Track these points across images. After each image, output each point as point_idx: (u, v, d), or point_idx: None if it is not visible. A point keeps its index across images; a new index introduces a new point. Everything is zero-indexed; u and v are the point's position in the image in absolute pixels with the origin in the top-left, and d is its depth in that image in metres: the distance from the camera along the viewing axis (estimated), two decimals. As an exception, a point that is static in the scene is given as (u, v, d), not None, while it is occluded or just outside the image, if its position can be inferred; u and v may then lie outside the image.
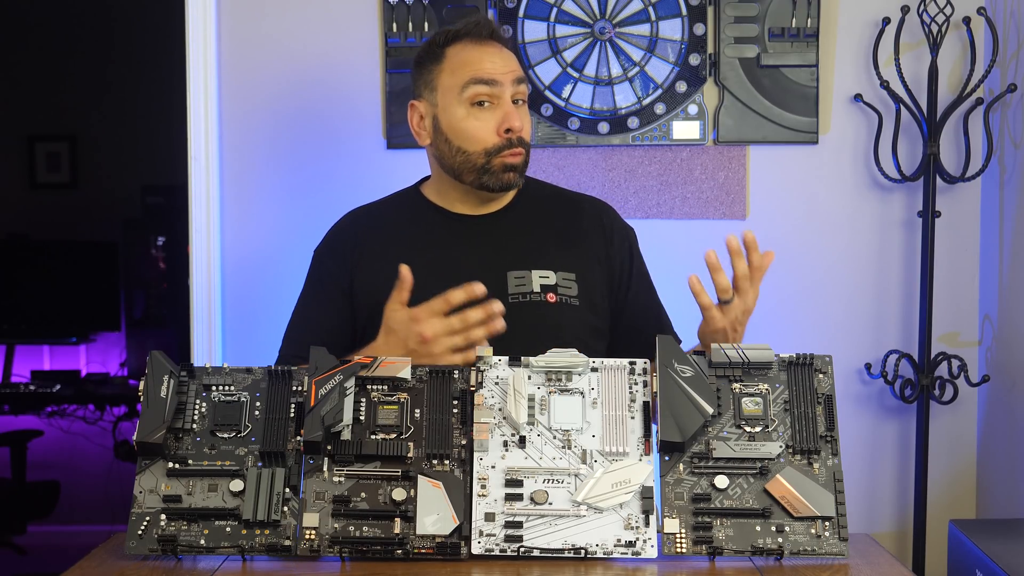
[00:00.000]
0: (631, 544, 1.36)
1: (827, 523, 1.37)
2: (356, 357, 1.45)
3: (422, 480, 1.38)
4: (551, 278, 1.81)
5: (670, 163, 2.62)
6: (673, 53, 2.59)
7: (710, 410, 1.39)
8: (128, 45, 4.77)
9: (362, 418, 1.42)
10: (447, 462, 1.40)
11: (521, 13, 2.60)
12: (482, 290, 1.57)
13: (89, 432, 4.65)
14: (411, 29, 2.60)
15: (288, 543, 1.37)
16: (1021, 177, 2.45)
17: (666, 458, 1.40)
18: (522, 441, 1.41)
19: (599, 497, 1.37)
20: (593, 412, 1.42)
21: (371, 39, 2.63)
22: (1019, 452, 2.44)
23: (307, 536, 1.37)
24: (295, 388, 1.44)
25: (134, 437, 1.39)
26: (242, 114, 2.66)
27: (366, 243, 1.85)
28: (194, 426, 1.42)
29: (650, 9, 2.59)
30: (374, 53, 2.63)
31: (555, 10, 2.60)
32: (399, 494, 1.38)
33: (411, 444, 1.40)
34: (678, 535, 1.36)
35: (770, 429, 1.41)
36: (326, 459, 1.40)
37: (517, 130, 1.77)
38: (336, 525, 1.37)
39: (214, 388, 1.44)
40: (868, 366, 2.63)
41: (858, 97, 2.59)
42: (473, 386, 1.43)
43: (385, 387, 1.44)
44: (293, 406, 1.42)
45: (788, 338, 2.58)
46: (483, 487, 1.39)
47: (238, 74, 2.65)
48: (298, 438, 1.40)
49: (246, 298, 2.67)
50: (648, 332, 1.73)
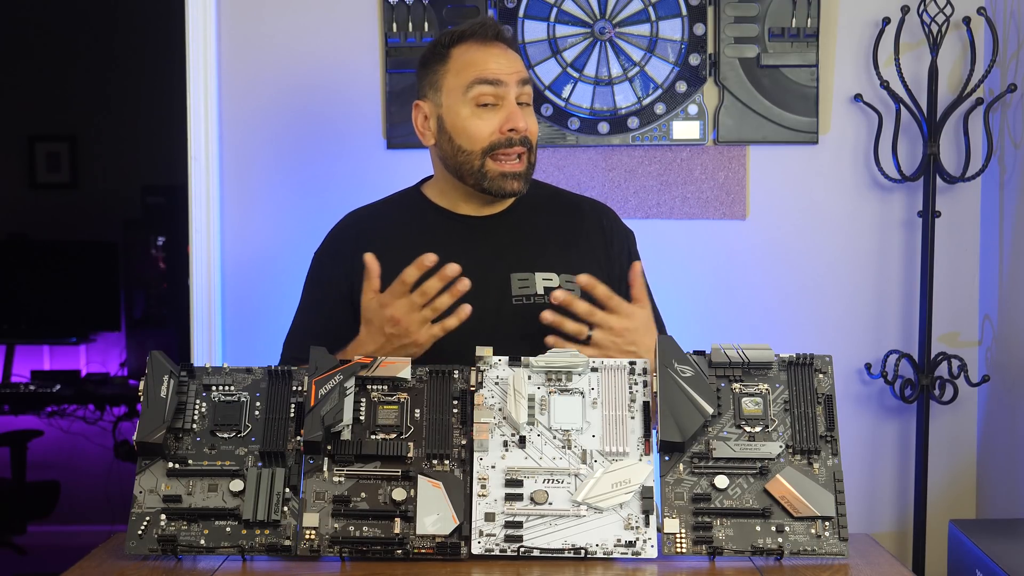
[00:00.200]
0: (631, 544, 1.36)
1: (827, 523, 1.37)
2: (355, 358, 1.45)
3: (422, 480, 1.38)
4: (554, 280, 1.81)
5: (670, 163, 2.62)
6: (673, 53, 2.59)
7: (710, 410, 1.39)
8: (128, 45, 4.77)
9: (362, 418, 1.42)
10: (447, 462, 1.40)
11: (521, 13, 2.59)
12: (432, 260, 1.58)
13: (89, 432, 4.65)
14: (411, 29, 2.60)
15: (288, 543, 1.37)
16: (1021, 177, 2.45)
17: (666, 458, 1.40)
18: (522, 441, 1.41)
19: (599, 497, 1.37)
20: (593, 412, 1.42)
21: (371, 39, 2.63)
22: (1019, 452, 2.44)
23: (307, 536, 1.37)
24: (295, 388, 1.44)
25: (134, 437, 1.39)
26: (242, 114, 2.66)
27: (367, 245, 1.84)
28: (194, 426, 1.42)
29: (650, 9, 2.59)
30: (374, 53, 2.63)
31: (555, 10, 2.59)
32: (399, 494, 1.38)
33: (411, 444, 1.41)
34: (678, 535, 1.37)
35: (770, 429, 1.41)
36: (326, 459, 1.40)
37: (521, 130, 1.77)
38: (336, 525, 1.37)
39: (214, 388, 1.44)
40: (868, 366, 2.63)
41: (858, 97, 2.59)
42: (473, 386, 1.43)
43: (385, 387, 1.44)
44: (293, 406, 1.42)
45: (788, 338, 2.58)
46: (483, 487, 1.39)
47: (238, 74, 2.65)
48: (298, 438, 1.40)
49: (246, 298, 2.67)
50: None
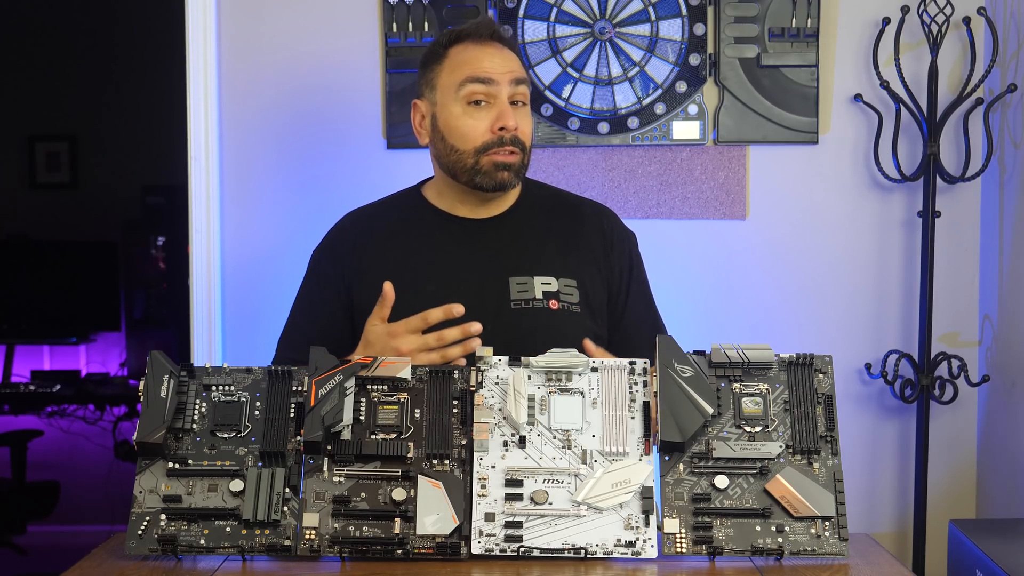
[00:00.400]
0: (631, 544, 1.36)
1: (827, 523, 1.37)
2: (356, 358, 1.45)
3: (422, 480, 1.38)
4: (553, 285, 1.79)
5: (670, 163, 2.62)
6: (673, 53, 2.59)
7: (710, 410, 1.39)
8: (128, 45, 4.77)
9: (362, 418, 1.42)
10: (447, 462, 1.40)
11: (521, 13, 2.59)
12: (460, 310, 1.61)
13: (89, 432, 4.65)
14: (411, 29, 2.60)
15: (288, 543, 1.37)
16: (1021, 177, 2.45)
17: (666, 458, 1.40)
18: (522, 441, 1.41)
19: (599, 497, 1.37)
20: (593, 412, 1.42)
21: (371, 39, 2.63)
22: (1019, 452, 2.44)
23: (307, 536, 1.37)
24: (295, 388, 1.44)
25: (134, 437, 1.39)
26: (242, 114, 2.66)
27: (365, 246, 1.84)
28: (194, 426, 1.42)
29: (650, 9, 2.59)
30: (374, 53, 2.63)
31: (555, 10, 2.59)
32: (399, 494, 1.38)
33: (411, 444, 1.40)
34: (678, 535, 1.36)
35: (770, 429, 1.41)
36: (326, 459, 1.40)
37: (511, 128, 1.75)
38: (336, 525, 1.37)
39: (214, 388, 1.44)
40: (868, 366, 2.63)
41: (858, 97, 2.59)
42: (473, 386, 1.43)
43: (385, 387, 1.44)
44: (293, 406, 1.42)
45: (788, 338, 2.58)
46: (483, 487, 1.39)
47: (238, 74, 2.65)
48: (298, 438, 1.40)
49: (246, 298, 2.67)
50: (640, 345, 1.73)
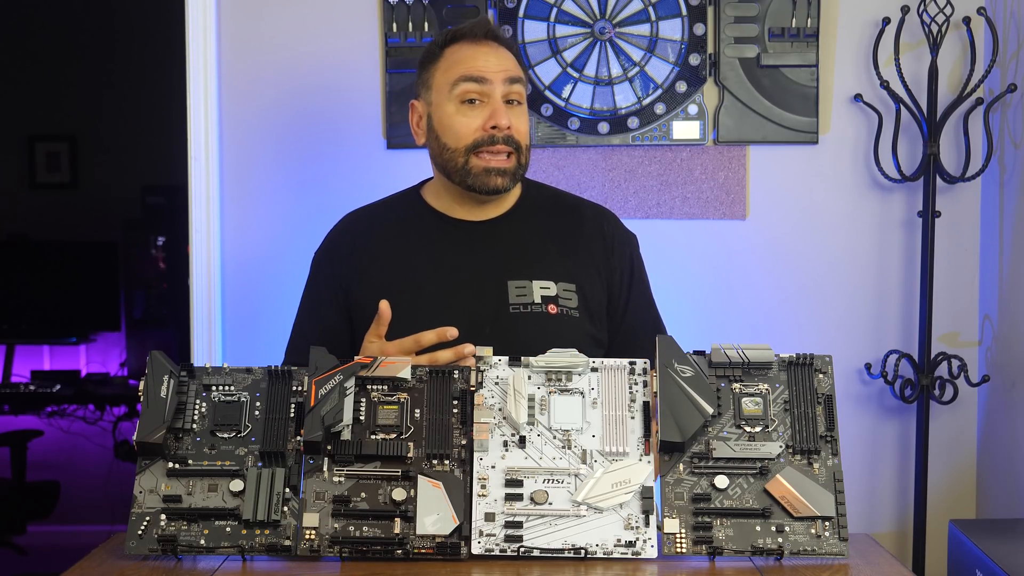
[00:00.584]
0: (631, 544, 1.36)
1: (827, 523, 1.37)
2: (355, 358, 1.45)
3: (422, 480, 1.38)
4: (552, 289, 1.78)
5: (670, 163, 2.62)
6: (673, 53, 2.59)
7: (710, 410, 1.39)
8: (128, 45, 4.77)
9: (362, 418, 1.42)
10: (447, 462, 1.40)
11: (521, 13, 2.59)
12: (454, 334, 1.60)
13: (89, 432, 4.65)
14: (411, 29, 2.60)
15: (288, 543, 1.37)
16: (1021, 177, 2.45)
17: (666, 458, 1.40)
18: (522, 441, 1.41)
19: (599, 497, 1.37)
20: (593, 412, 1.42)
21: (371, 39, 2.63)
22: (1019, 452, 2.44)
23: (307, 536, 1.37)
24: (295, 388, 1.44)
25: (134, 437, 1.39)
26: (242, 114, 2.66)
27: (364, 248, 1.84)
28: (194, 426, 1.42)
29: (650, 9, 2.59)
30: (374, 53, 2.63)
31: (555, 10, 2.59)
32: (399, 494, 1.38)
33: (411, 444, 1.40)
34: (678, 535, 1.36)
35: (770, 429, 1.41)
36: (326, 459, 1.40)
37: (503, 127, 1.73)
38: (336, 525, 1.37)
39: (214, 388, 1.44)
40: (868, 366, 2.63)
41: (858, 97, 2.59)
42: (473, 386, 1.43)
43: (385, 387, 1.44)
44: (293, 406, 1.42)
45: (788, 338, 2.58)
46: (483, 487, 1.39)
47: (238, 74, 2.65)
48: (298, 438, 1.40)
49: (246, 298, 2.67)
50: (641, 347, 1.72)
